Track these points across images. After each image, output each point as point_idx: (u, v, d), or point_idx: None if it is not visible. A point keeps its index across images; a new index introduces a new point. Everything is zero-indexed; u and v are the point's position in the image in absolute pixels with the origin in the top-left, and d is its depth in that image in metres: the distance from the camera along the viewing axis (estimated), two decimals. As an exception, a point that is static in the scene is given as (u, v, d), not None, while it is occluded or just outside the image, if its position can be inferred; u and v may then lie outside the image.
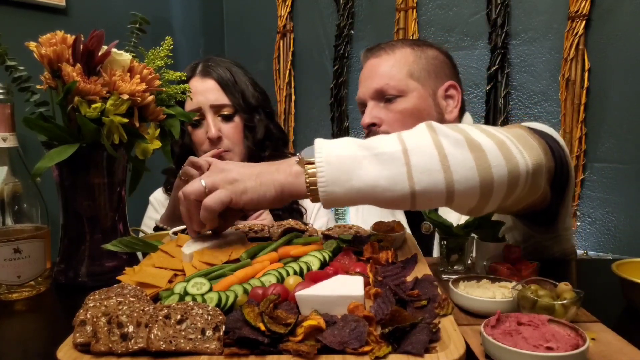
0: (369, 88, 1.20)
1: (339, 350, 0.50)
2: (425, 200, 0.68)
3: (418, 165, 0.66)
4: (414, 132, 0.70)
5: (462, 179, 0.65)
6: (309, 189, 0.70)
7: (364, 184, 0.67)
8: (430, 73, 1.21)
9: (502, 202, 0.70)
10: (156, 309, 0.54)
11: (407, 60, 1.20)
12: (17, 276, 0.82)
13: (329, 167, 0.68)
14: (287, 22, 2.55)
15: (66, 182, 0.88)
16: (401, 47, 1.23)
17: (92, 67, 0.84)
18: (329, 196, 0.68)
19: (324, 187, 0.68)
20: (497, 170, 0.66)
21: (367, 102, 1.21)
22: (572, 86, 1.99)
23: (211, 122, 1.26)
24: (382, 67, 1.21)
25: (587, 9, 1.93)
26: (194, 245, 0.78)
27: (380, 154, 0.67)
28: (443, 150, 0.66)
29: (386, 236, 0.83)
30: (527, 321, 0.57)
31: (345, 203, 0.70)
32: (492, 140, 0.67)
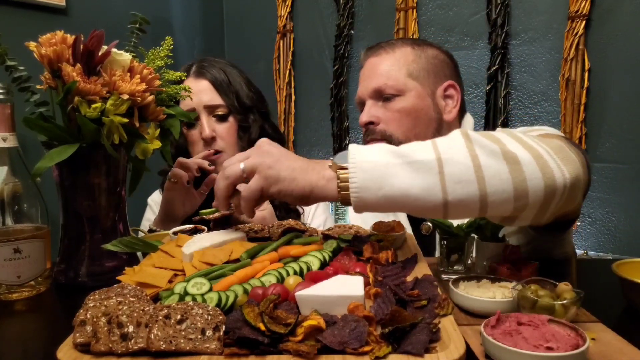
0: (368, 87, 1.21)
1: (339, 350, 0.50)
2: (457, 211, 0.67)
3: (452, 175, 0.65)
4: (449, 140, 0.70)
5: (496, 191, 0.64)
6: (340, 194, 0.70)
7: (396, 192, 0.66)
8: (429, 73, 1.21)
9: (537, 213, 0.68)
10: (156, 309, 0.54)
11: (407, 59, 1.21)
12: (17, 276, 0.82)
13: (361, 173, 0.67)
14: (287, 22, 2.55)
15: (66, 182, 0.88)
16: (401, 46, 1.23)
17: (92, 67, 0.84)
18: (360, 202, 0.68)
19: (356, 194, 0.67)
20: (532, 184, 0.65)
21: (366, 100, 1.22)
22: (572, 86, 1.99)
23: (205, 122, 1.26)
24: (381, 66, 1.21)
25: (587, 9, 1.93)
26: (194, 245, 0.78)
27: (413, 162, 0.67)
28: (478, 161, 0.65)
29: (386, 236, 0.83)
30: (527, 321, 0.57)
31: (376, 209, 0.70)
32: (529, 152, 0.66)
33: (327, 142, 2.54)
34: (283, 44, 2.57)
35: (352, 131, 2.49)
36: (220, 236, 0.83)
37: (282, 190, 0.72)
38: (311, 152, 2.59)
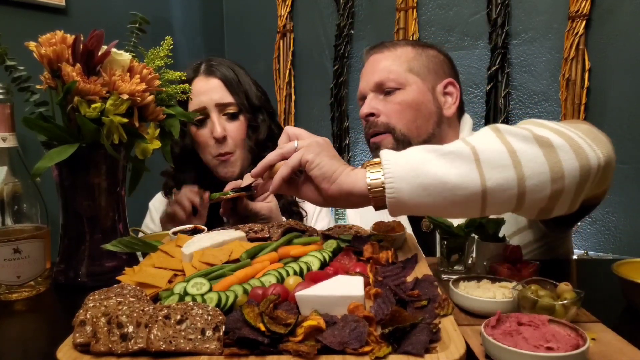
0: (370, 81, 1.22)
1: (339, 350, 0.50)
2: (496, 200, 0.66)
3: (489, 161, 0.65)
4: (478, 134, 0.70)
5: (533, 174, 0.65)
6: (371, 192, 0.69)
7: (433, 180, 0.65)
8: (429, 70, 1.23)
9: (573, 198, 0.68)
10: (156, 309, 0.54)
11: (408, 56, 1.23)
12: (17, 276, 0.82)
13: (395, 166, 0.67)
14: (287, 22, 2.55)
15: (66, 182, 0.88)
16: (403, 45, 1.26)
17: (91, 67, 0.84)
18: (396, 194, 0.67)
19: (391, 184, 0.67)
20: (568, 165, 0.65)
21: (367, 94, 1.24)
22: (572, 86, 1.99)
23: (216, 121, 1.24)
24: (383, 62, 1.23)
25: (587, 8, 1.93)
26: (193, 246, 0.78)
27: (448, 153, 0.67)
28: (511, 147, 0.65)
29: (386, 236, 0.83)
30: (528, 321, 0.57)
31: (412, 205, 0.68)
32: (561, 137, 0.67)
33: (327, 142, 2.54)
34: (283, 44, 2.57)
35: (352, 131, 2.49)
36: (220, 236, 0.83)
37: (315, 160, 0.74)
38: (311, 152, 2.59)
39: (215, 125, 1.24)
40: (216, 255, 0.75)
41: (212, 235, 0.84)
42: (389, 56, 1.23)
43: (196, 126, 1.26)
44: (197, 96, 1.24)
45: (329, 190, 0.74)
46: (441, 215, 0.79)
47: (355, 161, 2.50)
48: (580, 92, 1.98)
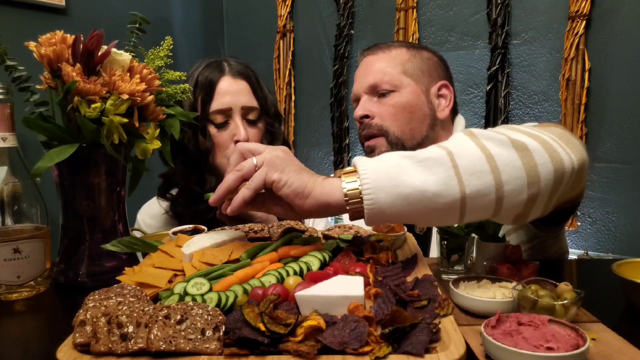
0: (364, 83, 1.23)
1: (339, 350, 0.50)
2: (474, 207, 0.66)
3: (467, 168, 0.65)
4: (454, 139, 0.69)
5: (510, 179, 0.64)
6: (348, 202, 0.67)
7: (413, 189, 0.65)
8: (424, 72, 1.23)
9: (547, 202, 0.69)
10: (156, 309, 0.54)
11: (402, 58, 1.23)
12: (17, 276, 0.82)
13: (373, 174, 0.66)
14: (287, 21, 2.55)
15: (66, 182, 0.88)
16: (397, 47, 1.26)
17: (91, 67, 0.84)
18: (374, 204, 0.65)
19: (370, 195, 0.65)
20: (543, 169, 0.65)
21: (361, 96, 1.24)
22: (572, 86, 1.99)
23: (241, 124, 1.21)
24: (377, 63, 1.23)
25: (587, 8, 1.93)
26: (193, 246, 0.78)
27: (425, 160, 0.66)
28: (489, 151, 0.65)
29: (386, 236, 0.83)
30: (528, 321, 0.57)
31: (390, 215, 0.67)
32: (536, 140, 0.67)
33: (327, 142, 2.54)
34: (283, 43, 2.57)
35: (352, 131, 2.49)
36: (220, 236, 0.83)
37: (282, 179, 0.70)
38: (311, 152, 2.59)
39: (239, 128, 1.20)
40: (216, 255, 0.75)
41: (212, 235, 0.84)
42: (383, 58, 1.23)
43: (216, 127, 1.22)
44: (223, 96, 1.20)
45: (304, 206, 0.71)
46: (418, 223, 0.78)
47: (355, 161, 2.50)
48: (580, 92, 1.98)
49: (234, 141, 1.21)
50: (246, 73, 1.26)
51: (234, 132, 1.21)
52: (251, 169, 0.73)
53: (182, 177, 1.23)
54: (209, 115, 1.20)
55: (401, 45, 1.27)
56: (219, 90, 1.21)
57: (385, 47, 1.26)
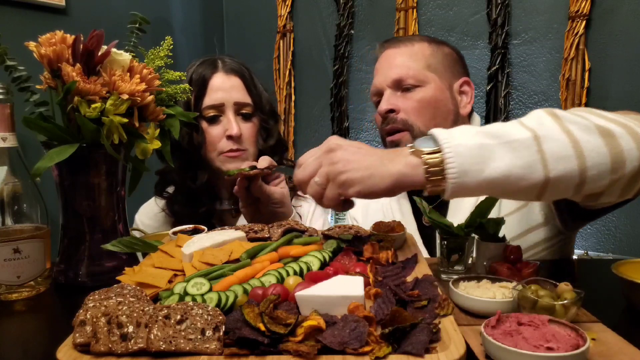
0: (387, 77, 1.19)
1: (339, 350, 0.50)
2: (555, 190, 0.66)
3: (552, 152, 0.64)
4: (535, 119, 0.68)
5: (594, 165, 0.64)
6: (429, 181, 0.66)
7: (498, 174, 0.64)
8: (446, 67, 1.21)
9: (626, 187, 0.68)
10: (156, 309, 0.54)
11: (425, 53, 1.20)
12: (17, 276, 0.82)
13: (459, 158, 0.64)
14: (287, 21, 2.55)
15: (66, 182, 0.88)
16: (419, 41, 1.23)
17: (91, 67, 0.84)
18: (458, 187, 0.65)
19: (455, 179, 0.64)
20: (629, 155, 0.65)
21: (384, 90, 1.21)
22: (572, 86, 1.99)
23: (232, 119, 1.23)
24: (401, 57, 1.20)
25: (587, 8, 1.93)
26: (193, 246, 0.78)
27: (511, 142, 0.65)
28: (574, 137, 0.65)
29: (386, 236, 0.83)
30: (528, 321, 0.57)
31: (472, 194, 0.67)
32: (618, 125, 0.66)
33: (327, 142, 2.54)
34: (283, 43, 2.57)
35: (352, 131, 2.49)
36: (220, 236, 0.83)
37: (362, 190, 0.69)
38: (311, 152, 2.59)
39: (231, 123, 1.22)
40: (216, 255, 0.75)
41: (212, 235, 0.84)
42: (406, 52, 1.20)
43: (207, 122, 1.24)
44: (216, 92, 1.22)
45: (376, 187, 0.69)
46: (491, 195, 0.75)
47: (355, 161, 2.50)
48: (580, 92, 1.98)
49: (225, 136, 1.23)
50: (240, 70, 1.27)
51: (226, 127, 1.23)
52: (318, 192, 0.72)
53: (177, 173, 1.24)
54: (201, 110, 1.21)
55: (422, 40, 1.24)
56: (211, 86, 1.22)
57: (407, 41, 1.23)
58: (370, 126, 2.47)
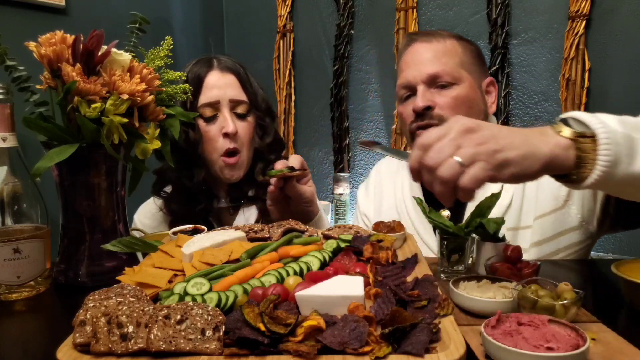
0: (422, 72, 1.16)
1: (339, 350, 0.50)
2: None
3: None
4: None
5: None
6: (578, 164, 0.63)
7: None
8: (476, 66, 1.21)
9: None
10: (156, 309, 0.54)
11: (457, 50, 1.19)
12: (17, 276, 0.82)
13: (616, 146, 0.61)
14: (287, 21, 2.55)
15: (66, 182, 0.88)
16: (449, 37, 1.22)
17: (91, 67, 0.84)
18: (605, 177, 0.62)
19: (606, 167, 0.61)
20: None
21: (418, 85, 1.17)
22: (572, 86, 1.99)
23: (229, 117, 1.22)
24: (435, 52, 1.18)
25: (587, 8, 1.93)
26: (193, 246, 0.78)
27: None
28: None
29: (386, 236, 0.83)
30: (528, 321, 0.57)
31: (611, 188, 0.65)
32: None
33: (327, 142, 2.54)
34: (283, 43, 2.57)
35: (352, 131, 2.49)
36: (220, 236, 0.83)
37: (516, 173, 0.63)
38: (311, 152, 2.59)
39: (227, 120, 1.22)
40: (216, 255, 0.75)
41: (212, 235, 0.84)
42: (439, 48, 1.18)
43: (204, 121, 1.23)
44: (211, 89, 1.22)
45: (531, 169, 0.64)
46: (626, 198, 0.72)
47: (355, 161, 2.50)
48: (580, 92, 1.98)
49: (222, 134, 1.22)
50: (234, 68, 1.27)
51: (223, 125, 1.22)
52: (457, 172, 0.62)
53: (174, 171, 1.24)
54: (197, 109, 1.21)
55: (452, 36, 1.22)
56: (206, 84, 1.22)
57: (438, 36, 1.21)
58: (370, 126, 2.47)
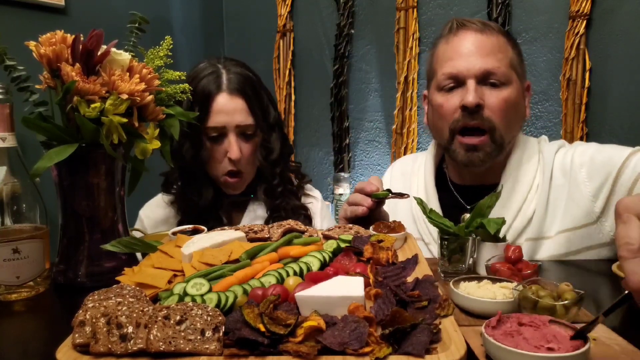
0: (476, 65, 1.07)
1: (339, 351, 0.50)
2: None
3: None
4: None
5: None
6: None
7: None
8: (521, 68, 1.15)
9: None
10: (155, 309, 0.53)
11: (508, 48, 1.12)
12: (16, 277, 0.81)
13: None
14: (287, 21, 2.55)
15: (65, 182, 0.87)
16: (499, 32, 1.14)
17: (91, 67, 0.84)
18: None
19: None
20: None
21: (468, 79, 1.08)
22: (573, 86, 1.99)
23: (234, 143, 1.22)
24: (491, 46, 1.09)
25: (588, 8, 1.93)
26: (193, 246, 0.78)
27: None
28: None
29: (387, 237, 0.83)
30: (528, 322, 0.57)
31: None
32: None
33: (327, 142, 2.54)
34: (283, 43, 2.57)
35: (352, 131, 2.49)
36: (220, 237, 0.83)
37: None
38: (311, 152, 2.59)
39: (232, 146, 1.22)
40: (216, 255, 0.75)
41: (212, 235, 0.84)
42: (494, 42, 1.10)
43: (210, 141, 1.24)
44: (218, 114, 1.21)
45: None
46: None
47: (356, 161, 2.50)
48: (580, 92, 1.98)
49: (227, 158, 1.23)
50: (243, 89, 1.24)
51: (227, 150, 1.23)
52: None
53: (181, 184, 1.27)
54: (204, 129, 1.22)
55: (501, 32, 1.14)
56: (214, 108, 1.21)
57: (490, 28, 1.12)
58: (370, 126, 2.47)
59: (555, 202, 1.08)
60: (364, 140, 2.49)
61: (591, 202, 1.03)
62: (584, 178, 1.05)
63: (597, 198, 1.03)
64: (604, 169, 1.03)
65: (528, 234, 1.09)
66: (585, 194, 1.05)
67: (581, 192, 1.05)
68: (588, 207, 1.04)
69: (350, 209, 1.05)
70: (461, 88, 1.09)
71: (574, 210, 1.06)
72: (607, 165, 1.02)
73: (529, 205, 1.09)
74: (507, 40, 1.13)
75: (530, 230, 1.08)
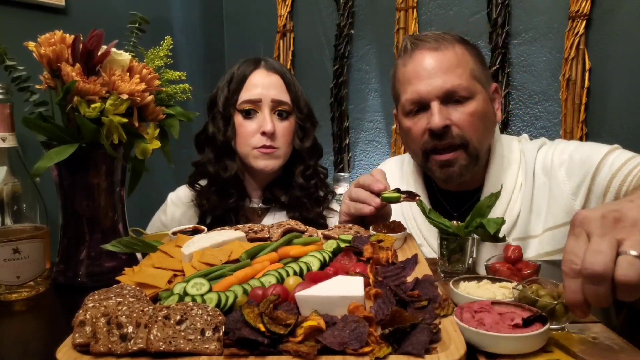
0: (436, 87, 1.05)
1: (339, 351, 0.50)
2: None
3: None
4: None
5: None
6: None
7: None
8: (484, 74, 1.12)
9: None
10: (156, 309, 0.53)
11: (467, 59, 1.09)
12: (17, 276, 0.81)
13: None
14: (287, 21, 2.55)
15: (65, 182, 0.87)
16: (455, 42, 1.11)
17: (91, 67, 0.84)
18: None
19: None
20: None
21: (432, 102, 1.06)
22: (572, 86, 1.99)
23: (268, 116, 1.22)
24: (448, 63, 1.07)
25: (587, 8, 1.93)
26: (193, 246, 0.78)
27: None
28: None
29: (386, 237, 0.83)
30: (478, 308, 0.59)
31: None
32: None
33: (327, 142, 2.54)
34: (283, 43, 2.57)
35: (352, 131, 2.49)
36: (220, 237, 0.83)
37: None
38: (311, 152, 2.59)
39: (266, 120, 1.22)
40: (216, 255, 0.75)
41: (212, 235, 0.84)
42: (451, 58, 1.07)
43: (243, 117, 1.24)
44: (255, 87, 1.23)
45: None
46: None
47: (356, 161, 2.50)
48: (580, 92, 1.98)
49: (260, 132, 1.22)
50: (281, 69, 1.28)
51: (261, 124, 1.22)
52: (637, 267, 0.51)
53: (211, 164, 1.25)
54: (238, 104, 1.22)
55: (457, 41, 1.11)
56: (250, 81, 1.23)
57: (445, 42, 1.09)
58: (370, 126, 2.47)
59: (539, 200, 1.09)
60: (364, 141, 2.49)
61: (571, 200, 1.04)
62: (563, 177, 1.06)
63: (576, 196, 1.04)
64: (582, 167, 1.03)
65: (515, 234, 1.09)
66: (565, 192, 1.05)
67: (561, 190, 1.06)
68: (569, 204, 1.05)
69: (356, 206, 1.00)
70: (426, 112, 1.08)
71: (555, 208, 1.07)
72: (585, 163, 1.03)
73: (514, 206, 1.10)
74: (465, 49, 1.10)
75: (517, 230, 1.09)
